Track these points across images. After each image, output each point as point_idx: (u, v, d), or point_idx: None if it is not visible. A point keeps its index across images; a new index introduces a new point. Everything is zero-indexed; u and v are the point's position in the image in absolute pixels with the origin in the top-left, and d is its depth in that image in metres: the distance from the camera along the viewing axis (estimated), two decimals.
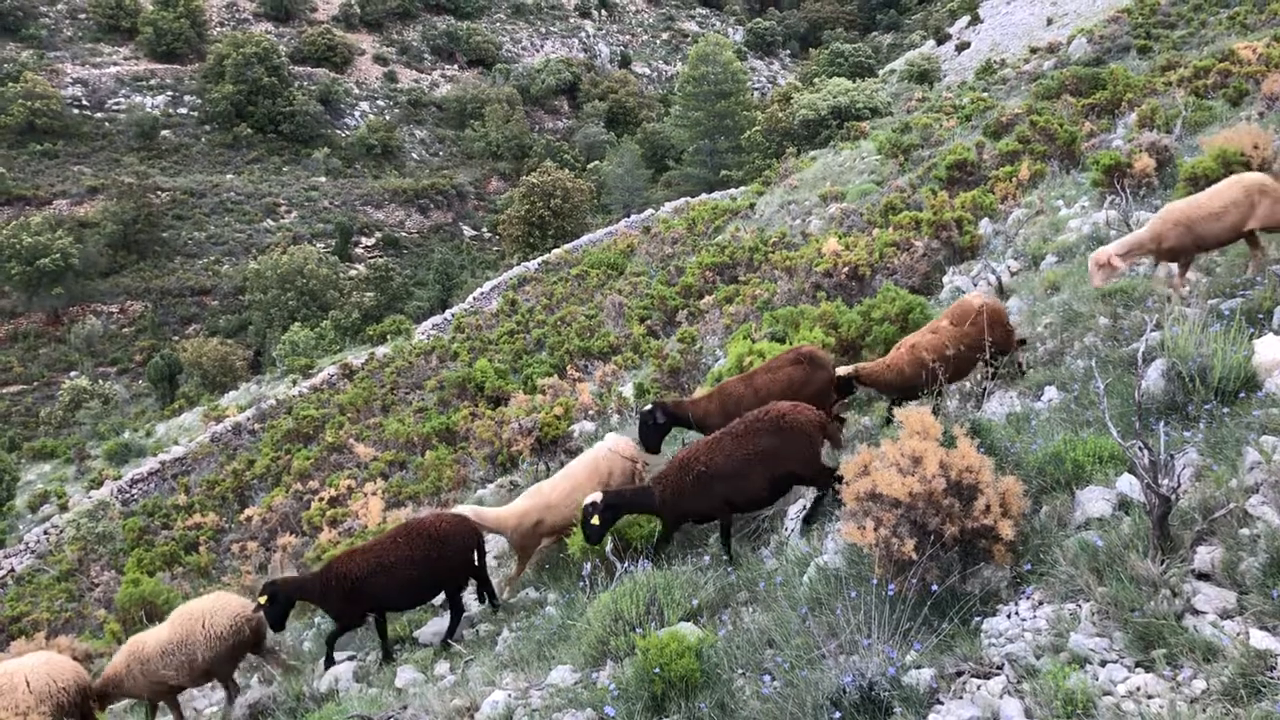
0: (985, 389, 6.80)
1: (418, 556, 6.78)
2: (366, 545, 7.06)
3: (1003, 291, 9.27)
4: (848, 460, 4.58)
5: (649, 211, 46.01)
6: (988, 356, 6.70)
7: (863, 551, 4.42)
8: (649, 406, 7.47)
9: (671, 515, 6.17)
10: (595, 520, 6.10)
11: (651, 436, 7.41)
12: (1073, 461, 4.71)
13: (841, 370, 7.07)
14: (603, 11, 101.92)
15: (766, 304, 14.15)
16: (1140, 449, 3.82)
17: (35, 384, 46.00)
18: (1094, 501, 4.38)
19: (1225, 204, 6.66)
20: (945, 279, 11.37)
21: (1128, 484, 4.36)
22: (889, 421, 6.80)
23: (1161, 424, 4.41)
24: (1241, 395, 4.82)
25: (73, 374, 44.52)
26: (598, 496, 6.16)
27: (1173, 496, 3.75)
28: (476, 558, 7.11)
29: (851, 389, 7.14)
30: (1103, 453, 4.67)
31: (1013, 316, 7.67)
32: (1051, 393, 6.19)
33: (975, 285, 10.46)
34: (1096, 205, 10.68)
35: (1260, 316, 5.79)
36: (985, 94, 29.92)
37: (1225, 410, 4.72)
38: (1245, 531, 3.66)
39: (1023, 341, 7.16)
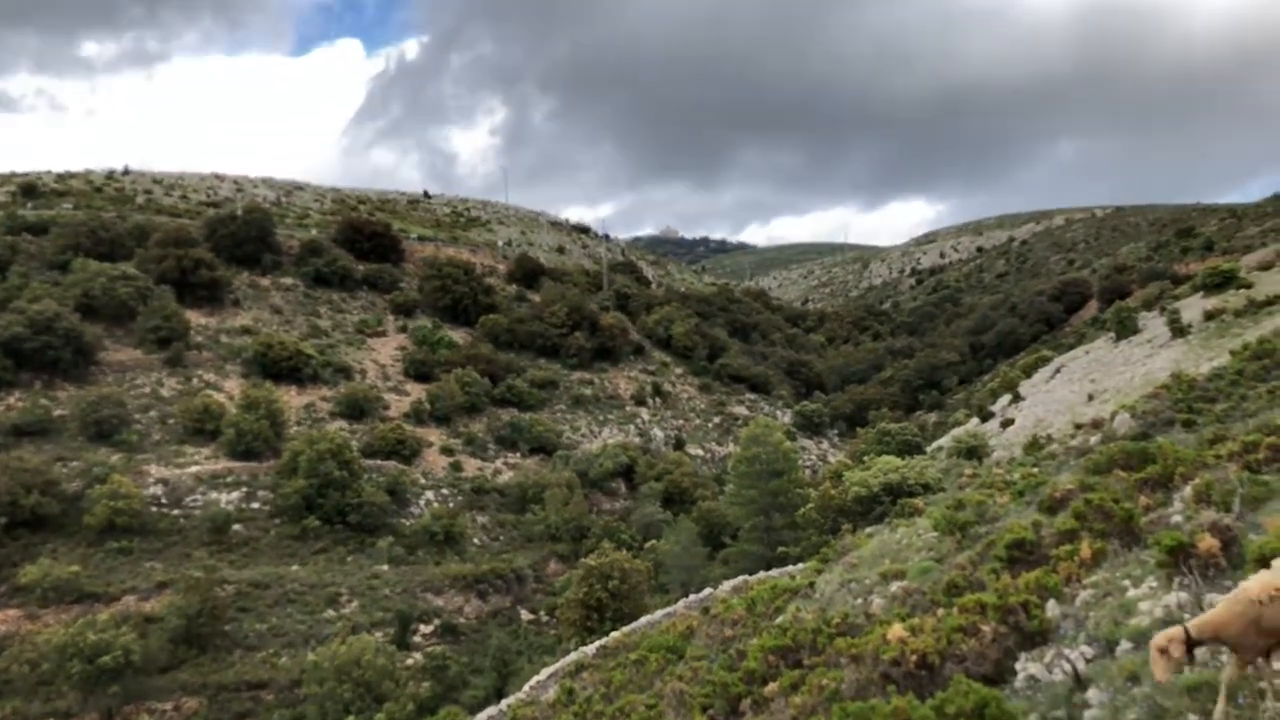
0: None
1: None
2: None
3: (1080, 681, 8.92)
4: None
5: (707, 591, 45.41)
6: None
7: None
8: None
9: None
10: None
11: None
12: None
13: None
14: (657, 399, 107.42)
15: (834, 694, 13.61)
16: None
17: None
18: None
19: None
20: (1018, 666, 10.96)
21: None
22: None
23: None
24: None
25: None
26: None
27: None
28: None
29: None
30: None
31: (1092, 711, 7.35)
32: None
33: (1050, 673, 10.07)
34: (1165, 586, 10.51)
35: None
36: (1035, 469, 30.32)
37: None
38: None
39: None
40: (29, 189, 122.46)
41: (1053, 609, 12.45)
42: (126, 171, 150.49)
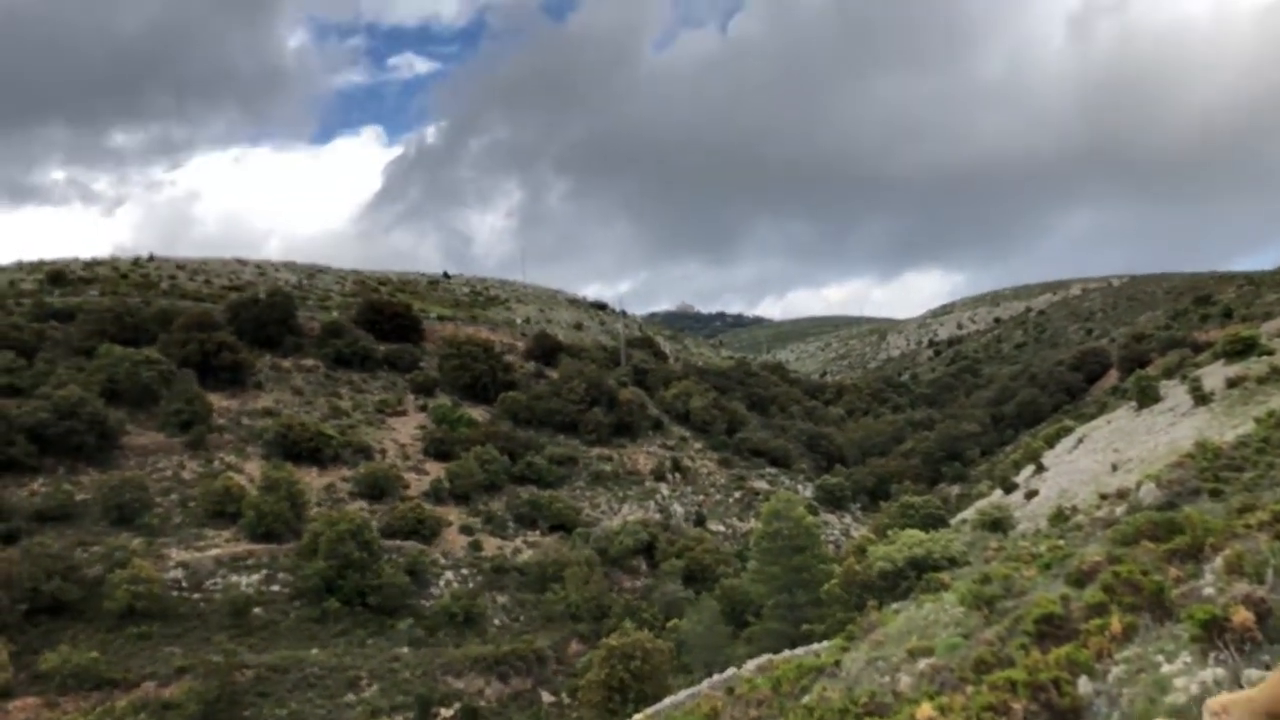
0: None
1: None
2: None
3: None
4: None
5: (731, 670, 44.58)
6: None
7: None
8: None
9: None
10: None
11: None
12: None
13: None
14: (677, 474, 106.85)
15: None
16: None
17: None
18: None
19: None
20: None
21: None
22: None
23: None
24: None
25: None
26: None
27: None
28: None
29: None
30: None
31: None
32: None
33: None
34: (1200, 661, 10.34)
35: None
36: (1062, 541, 29.96)
37: None
38: None
39: None
40: (57, 276, 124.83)
41: (1085, 686, 12.22)
42: (151, 258, 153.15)
